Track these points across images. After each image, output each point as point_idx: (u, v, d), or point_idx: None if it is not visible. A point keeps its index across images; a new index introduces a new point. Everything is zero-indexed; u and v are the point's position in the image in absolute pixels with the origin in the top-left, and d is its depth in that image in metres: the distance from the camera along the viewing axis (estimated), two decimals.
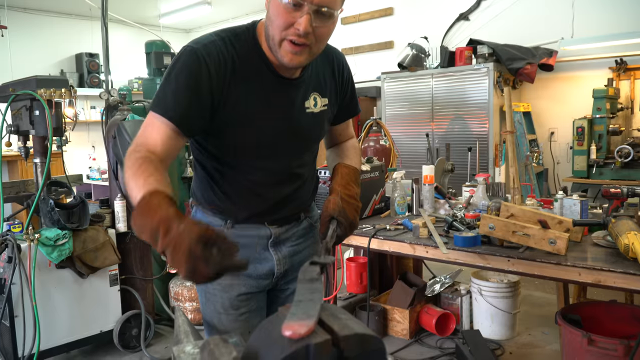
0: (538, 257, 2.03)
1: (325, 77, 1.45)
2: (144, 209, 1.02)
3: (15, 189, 3.17)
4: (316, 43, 1.24)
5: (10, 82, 3.10)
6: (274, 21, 1.22)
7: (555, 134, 5.45)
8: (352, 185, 1.41)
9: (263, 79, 1.32)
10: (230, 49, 1.28)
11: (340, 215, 1.32)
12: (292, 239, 1.50)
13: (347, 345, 0.67)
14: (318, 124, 1.45)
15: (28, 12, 7.58)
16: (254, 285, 1.47)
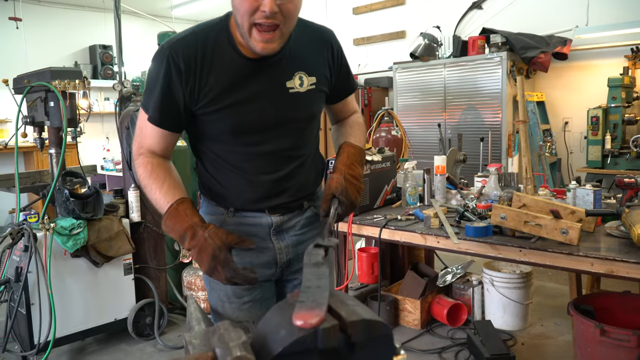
0: (550, 248, 2.02)
1: (312, 55, 1.43)
2: (173, 215, 1.27)
3: (31, 179, 3.22)
4: (285, 22, 1.24)
5: (25, 74, 3.13)
6: (239, 8, 1.22)
7: (569, 124, 5.39)
8: (356, 165, 1.40)
9: (236, 66, 1.32)
10: (202, 41, 1.31)
11: (342, 194, 1.32)
12: (295, 228, 1.50)
13: (354, 330, 0.68)
14: (307, 103, 1.42)
15: (42, 4, 7.63)
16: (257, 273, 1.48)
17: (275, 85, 1.36)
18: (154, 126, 1.34)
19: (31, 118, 3.09)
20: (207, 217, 1.48)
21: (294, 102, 1.39)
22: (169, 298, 3.49)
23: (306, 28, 1.44)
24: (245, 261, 1.46)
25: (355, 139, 1.51)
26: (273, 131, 1.38)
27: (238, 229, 1.45)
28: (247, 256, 1.46)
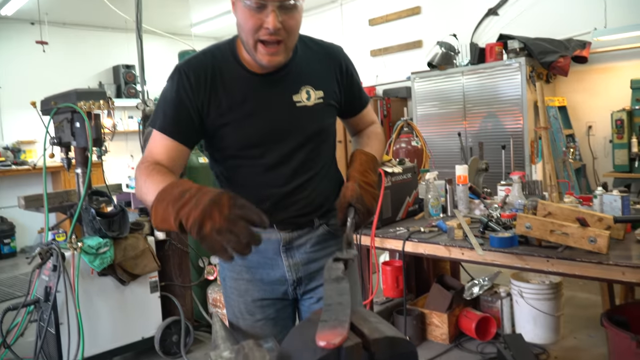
0: (578, 257, 1.98)
1: (319, 70, 1.45)
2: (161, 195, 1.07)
3: (59, 199, 3.29)
4: (288, 36, 1.28)
5: (52, 95, 3.22)
6: (243, 26, 1.27)
7: (592, 128, 5.29)
8: (369, 172, 1.40)
9: (243, 80, 1.36)
10: (211, 60, 1.36)
11: (357, 202, 1.31)
12: (306, 246, 1.49)
13: (377, 348, 0.68)
14: (314, 117, 1.43)
15: (67, 26, 7.84)
16: (268, 291, 1.48)
17: (282, 99, 1.39)
18: (162, 135, 1.33)
19: (58, 139, 3.16)
20: None
21: (302, 116, 1.41)
22: (195, 315, 3.51)
23: (314, 45, 1.48)
24: (256, 277, 1.48)
25: (371, 148, 1.52)
26: (281, 144, 1.40)
27: None
28: (258, 272, 1.48)
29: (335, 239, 1.55)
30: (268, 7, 1.22)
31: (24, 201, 3.16)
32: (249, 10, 1.23)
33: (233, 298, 1.51)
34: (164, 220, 1.04)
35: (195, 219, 0.97)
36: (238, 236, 0.97)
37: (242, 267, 1.49)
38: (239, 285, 1.50)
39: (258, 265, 1.48)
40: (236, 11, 1.29)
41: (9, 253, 6.73)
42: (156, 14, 7.30)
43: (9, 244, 6.74)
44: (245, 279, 1.49)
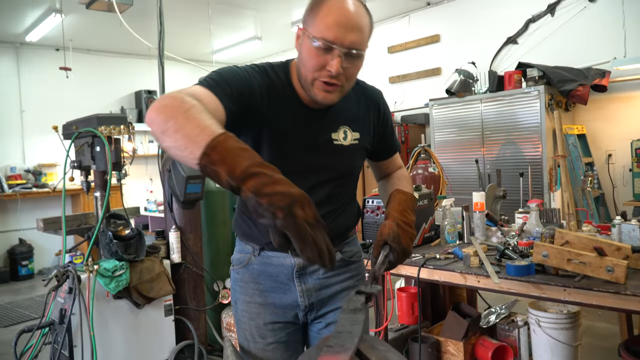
0: (595, 286, 1.94)
1: (359, 113, 1.49)
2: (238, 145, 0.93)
3: (77, 221, 3.33)
4: (347, 82, 1.31)
5: (74, 120, 3.29)
6: (306, 63, 1.29)
7: (612, 157, 5.23)
8: (408, 212, 1.41)
9: (291, 110, 1.38)
10: (265, 78, 1.37)
11: (393, 241, 1.30)
12: (319, 272, 1.50)
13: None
14: (348, 157, 1.47)
15: (91, 53, 8.08)
16: (280, 314, 1.49)
17: (321, 134, 1.42)
18: (207, 90, 1.19)
19: (78, 162, 3.22)
20: (237, 255, 1.56)
21: (336, 154, 1.43)
22: (208, 339, 3.50)
23: (357, 86, 1.50)
24: (269, 301, 1.49)
25: (404, 188, 1.53)
26: (310, 178, 1.41)
27: (262, 269, 1.49)
28: (270, 297, 1.49)
29: (349, 265, 1.56)
30: (335, 51, 1.24)
31: (43, 223, 3.21)
32: (316, 49, 1.25)
33: (244, 321, 1.52)
34: (233, 168, 0.89)
35: (286, 200, 0.87)
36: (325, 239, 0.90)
37: (254, 291, 1.51)
38: (250, 308, 1.51)
39: (271, 289, 1.49)
40: (300, 45, 1.31)
41: (26, 275, 6.82)
42: (179, 41, 7.49)
43: (27, 266, 6.83)
44: (257, 303, 1.50)
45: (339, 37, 1.23)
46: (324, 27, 1.23)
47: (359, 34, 1.26)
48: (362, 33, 1.28)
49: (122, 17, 4.21)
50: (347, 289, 1.54)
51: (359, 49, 1.27)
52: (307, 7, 1.31)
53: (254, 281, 1.51)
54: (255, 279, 1.50)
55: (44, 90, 7.53)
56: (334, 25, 1.23)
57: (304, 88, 1.34)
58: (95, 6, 4.50)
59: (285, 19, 7.26)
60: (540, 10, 5.69)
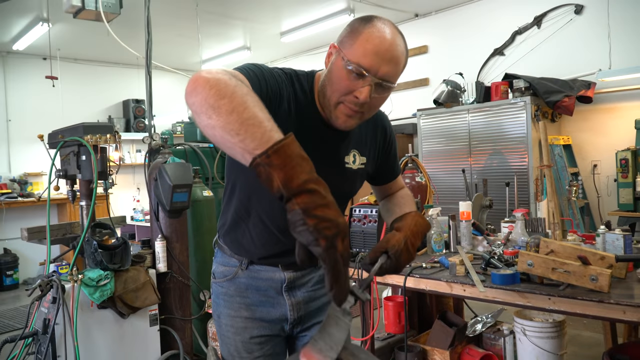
0: (580, 295, 1.95)
1: (367, 138, 1.49)
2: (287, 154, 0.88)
3: (62, 231, 3.29)
4: (369, 111, 1.30)
5: (60, 129, 3.27)
6: (334, 84, 1.26)
7: (598, 167, 5.30)
8: (419, 236, 1.39)
9: (313, 126, 1.34)
10: (290, 84, 1.32)
11: (395, 254, 1.28)
12: (308, 285, 1.50)
13: None
14: (353, 180, 1.47)
15: (78, 62, 8.04)
16: (267, 328, 1.47)
17: (335, 155, 1.40)
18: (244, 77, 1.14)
19: (64, 171, 3.19)
20: (220, 268, 1.51)
21: (344, 177, 1.43)
22: (194, 349, 3.46)
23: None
24: (256, 316, 1.47)
25: (410, 209, 1.52)
26: None
27: (250, 283, 1.46)
28: (258, 311, 1.47)
29: None
30: (367, 79, 1.21)
31: (27, 233, 3.17)
32: (347, 73, 1.22)
33: (229, 336, 1.49)
34: (290, 178, 0.86)
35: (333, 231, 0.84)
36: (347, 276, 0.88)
37: (240, 305, 1.47)
38: (235, 322, 1.48)
39: (259, 303, 1.47)
40: (332, 64, 1.27)
41: (11, 285, 6.72)
42: (167, 51, 7.49)
43: (11, 276, 6.74)
44: (243, 317, 1.47)
45: (374, 66, 1.20)
46: (361, 53, 1.20)
47: (394, 67, 1.23)
48: (397, 66, 1.25)
49: (109, 26, 4.20)
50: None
51: (391, 81, 1.24)
52: (347, 28, 1.27)
53: (241, 295, 1.47)
54: (242, 292, 1.47)
55: (30, 99, 7.48)
56: (371, 53, 1.20)
57: (324, 108, 1.32)
58: (82, 15, 4.48)
59: (275, 29, 7.29)
60: (527, 22, 5.77)
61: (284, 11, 6.56)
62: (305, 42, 7.77)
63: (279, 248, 1.42)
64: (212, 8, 6.17)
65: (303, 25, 7.08)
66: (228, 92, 0.92)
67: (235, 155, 0.90)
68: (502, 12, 6.05)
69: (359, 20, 1.26)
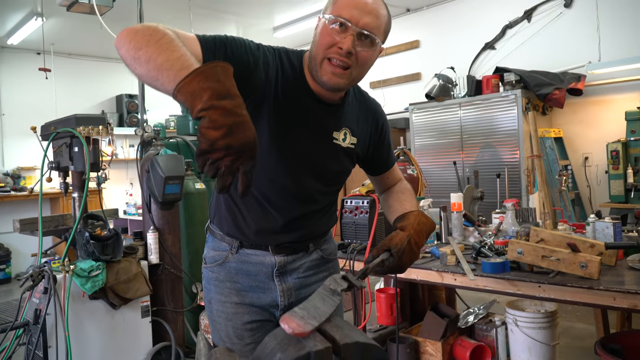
0: (569, 282, 1.97)
1: (359, 120, 1.50)
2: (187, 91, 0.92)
3: (54, 222, 3.29)
4: (357, 66, 1.30)
5: (52, 121, 3.25)
6: (318, 41, 1.29)
7: (589, 159, 5.34)
8: (423, 236, 1.39)
9: (302, 99, 1.37)
10: (278, 60, 1.35)
11: (397, 253, 1.28)
12: (299, 270, 1.49)
13: (348, 353, 0.68)
14: (341, 158, 1.47)
15: (72, 57, 8.00)
16: (258, 314, 1.47)
17: (325, 130, 1.41)
18: (197, 40, 1.17)
19: (56, 163, 3.18)
20: (211, 252, 1.51)
21: (332, 153, 1.43)
22: (186, 341, 3.47)
23: (363, 96, 1.53)
24: (246, 301, 1.46)
25: (411, 204, 1.53)
26: (306, 171, 1.41)
27: (240, 267, 1.46)
28: (248, 296, 1.46)
29: (326, 264, 1.56)
30: (348, 30, 1.25)
31: (19, 224, 3.17)
32: (330, 29, 1.26)
33: (220, 322, 1.49)
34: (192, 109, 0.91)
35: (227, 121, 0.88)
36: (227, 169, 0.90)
37: (231, 290, 1.47)
38: (226, 308, 1.47)
39: (249, 288, 1.46)
40: (317, 27, 1.31)
41: (3, 279, 6.70)
42: None
43: (4, 270, 6.71)
44: (234, 302, 1.47)
45: (354, 16, 1.24)
46: (341, 7, 1.26)
47: (374, 19, 1.27)
48: (378, 19, 1.28)
49: (102, 19, 4.18)
50: None
51: (372, 32, 1.27)
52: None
53: (231, 280, 1.47)
54: (232, 277, 1.47)
55: (24, 94, 7.44)
56: (351, 6, 1.25)
57: (313, 72, 1.32)
58: (75, 8, 4.47)
59: (267, 24, 7.27)
60: (517, 17, 5.80)
61: (277, 6, 6.55)
62: (298, 37, 7.76)
63: (270, 223, 1.42)
64: (205, 3, 6.15)
65: (295, 20, 7.08)
66: (144, 42, 1.00)
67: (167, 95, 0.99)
68: (492, 6, 6.07)
69: None
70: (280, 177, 1.39)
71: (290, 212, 1.43)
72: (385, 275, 1.37)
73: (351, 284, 1.05)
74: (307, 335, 0.68)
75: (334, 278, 1.03)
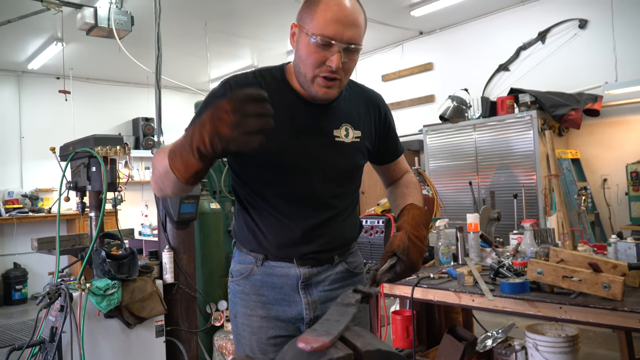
0: (592, 303, 1.91)
1: (359, 112, 1.50)
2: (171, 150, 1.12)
3: (71, 242, 3.31)
4: (345, 75, 1.34)
5: (71, 141, 3.31)
6: (305, 60, 1.31)
7: (608, 181, 5.26)
8: (421, 227, 1.38)
9: (291, 108, 1.39)
10: (260, 80, 1.39)
11: (402, 253, 1.29)
12: (324, 283, 1.47)
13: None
14: (349, 154, 1.46)
15: (90, 81, 8.17)
16: (283, 328, 1.45)
17: (323, 130, 1.42)
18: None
19: (74, 183, 3.22)
20: (237, 266, 1.51)
21: (338, 151, 1.43)
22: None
23: (358, 88, 1.54)
24: (272, 315, 1.45)
25: (414, 199, 1.52)
26: (314, 175, 1.41)
27: (265, 280, 1.45)
28: (274, 309, 1.45)
29: (353, 277, 1.54)
30: (334, 47, 1.27)
31: (37, 243, 3.20)
32: (315, 46, 1.28)
33: (245, 336, 1.47)
34: (186, 164, 1.07)
35: (210, 134, 1.00)
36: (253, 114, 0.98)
37: (256, 303, 1.46)
38: (251, 321, 1.46)
39: (275, 301, 1.45)
40: (297, 42, 1.34)
41: (19, 299, 6.75)
42: (176, 69, 7.60)
43: (20, 290, 6.76)
44: (259, 316, 1.45)
45: (338, 33, 1.26)
46: (323, 24, 1.26)
47: (356, 29, 1.29)
48: (359, 28, 1.31)
49: (120, 43, 4.28)
50: None
51: (357, 43, 1.30)
52: (303, 4, 1.33)
53: (256, 293, 1.46)
54: (258, 290, 1.46)
55: (43, 117, 7.60)
56: (332, 21, 1.26)
57: (304, 86, 1.36)
58: (95, 32, 4.58)
59: (281, 48, 7.38)
60: (531, 38, 5.81)
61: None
62: None
63: (289, 235, 1.42)
64: (220, 27, 6.26)
65: None
66: (152, 180, 1.25)
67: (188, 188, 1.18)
68: (505, 28, 6.10)
69: None
70: (290, 188, 1.40)
71: (307, 221, 1.42)
72: (402, 279, 1.35)
73: (364, 293, 1.04)
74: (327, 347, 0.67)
75: (346, 294, 1.03)
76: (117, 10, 4.41)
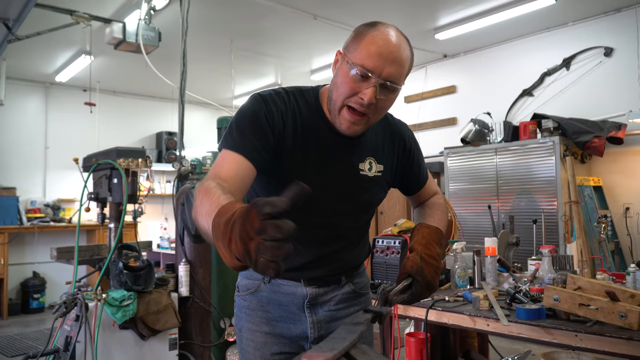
0: (608, 332, 1.88)
1: (384, 145, 1.48)
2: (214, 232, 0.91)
3: (89, 252, 3.37)
4: (375, 113, 1.30)
5: (94, 153, 3.39)
6: (339, 87, 1.28)
7: (630, 210, 5.16)
8: (433, 245, 1.36)
9: (321, 136, 1.36)
10: (294, 102, 1.36)
11: (417, 273, 1.26)
12: (330, 303, 1.47)
13: None
14: (370, 188, 1.45)
15: (117, 94, 8.35)
16: (287, 345, 1.45)
17: (349, 162, 1.40)
18: (235, 156, 1.24)
19: (95, 194, 3.29)
20: (244, 281, 1.52)
21: (360, 185, 1.42)
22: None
23: (386, 120, 1.50)
24: (277, 331, 1.45)
25: (434, 219, 1.50)
26: (335, 207, 1.40)
27: (272, 297, 1.46)
28: (279, 326, 1.46)
29: (358, 298, 1.54)
30: (371, 80, 1.23)
31: (56, 252, 3.25)
32: (352, 76, 1.24)
33: (249, 351, 1.48)
34: (232, 264, 0.88)
35: (241, 253, 0.82)
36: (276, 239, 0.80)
37: (262, 319, 1.47)
38: (256, 337, 1.47)
39: (280, 318, 1.45)
40: (337, 69, 1.30)
41: (37, 308, 6.82)
42: (200, 86, 7.73)
43: (38, 299, 6.84)
44: (264, 332, 1.46)
45: (378, 67, 1.22)
46: (365, 56, 1.23)
47: (398, 68, 1.25)
48: (402, 67, 1.26)
49: (147, 58, 4.38)
50: None
51: (396, 82, 1.26)
52: (352, 34, 1.30)
53: (262, 309, 1.46)
54: (264, 306, 1.46)
55: (69, 128, 7.76)
56: (375, 55, 1.22)
57: (332, 114, 1.33)
58: (123, 47, 4.70)
59: (305, 67, 7.46)
60: (556, 64, 5.78)
61: (315, 50, 6.72)
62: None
63: (301, 260, 1.41)
64: (246, 45, 6.37)
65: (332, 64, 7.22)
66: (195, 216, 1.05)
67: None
68: (530, 54, 6.08)
69: (364, 25, 1.29)
70: (308, 216, 1.36)
71: (321, 249, 1.42)
72: (420, 300, 1.32)
73: (375, 313, 1.04)
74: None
75: (355, 315, 1.03)
76: (145, 26, 4.52)
